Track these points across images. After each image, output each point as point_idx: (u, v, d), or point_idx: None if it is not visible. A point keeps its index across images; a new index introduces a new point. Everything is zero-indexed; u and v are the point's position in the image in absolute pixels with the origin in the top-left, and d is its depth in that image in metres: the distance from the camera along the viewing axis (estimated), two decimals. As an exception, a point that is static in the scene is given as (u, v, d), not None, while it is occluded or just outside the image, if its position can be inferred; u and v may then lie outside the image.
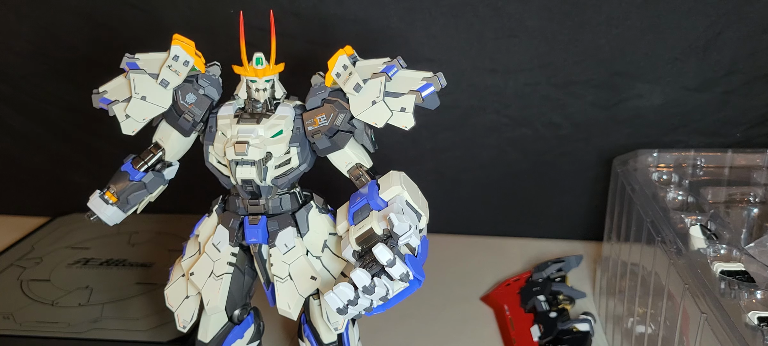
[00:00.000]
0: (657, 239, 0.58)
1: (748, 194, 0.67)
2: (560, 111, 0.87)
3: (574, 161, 0.91)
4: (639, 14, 0.80)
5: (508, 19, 0.82)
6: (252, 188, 0.54)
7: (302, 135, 0.55)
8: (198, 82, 0.55)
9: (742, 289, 0.49)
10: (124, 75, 0.56)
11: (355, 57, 0.55)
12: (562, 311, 0.75)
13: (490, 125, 0.89)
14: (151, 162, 0.57)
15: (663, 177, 0.71)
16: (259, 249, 0.57)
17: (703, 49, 0.81)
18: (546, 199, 0.95)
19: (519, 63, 0.84)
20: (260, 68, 0.54)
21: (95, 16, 0.90)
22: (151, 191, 0.57)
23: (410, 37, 0.84)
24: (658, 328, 0.58)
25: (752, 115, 0.84)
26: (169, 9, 0.87)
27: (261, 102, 0.54)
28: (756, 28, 0.79)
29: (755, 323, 0.46)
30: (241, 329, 0.61)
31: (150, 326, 0.74)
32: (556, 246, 0.93)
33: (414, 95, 0.52)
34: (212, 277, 0.57)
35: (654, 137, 0.86)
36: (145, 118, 0.55)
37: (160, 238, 0.96)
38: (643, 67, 0.83)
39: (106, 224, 0.57)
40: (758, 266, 0.52)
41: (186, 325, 0.59)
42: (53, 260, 0.90)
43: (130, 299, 0.80)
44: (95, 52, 0.91)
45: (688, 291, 0.51)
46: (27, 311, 0.78)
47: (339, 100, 0.54)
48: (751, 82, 0.82)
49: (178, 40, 0.54)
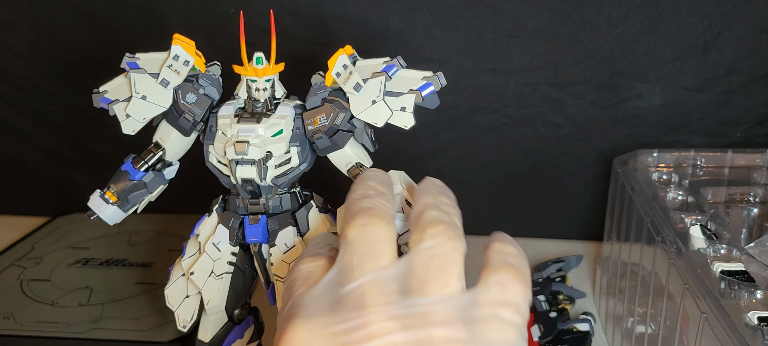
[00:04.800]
0: (657, 238, 0.58)
1: (748, 193, 0.68)
2: (560, 111, 0.87)
3: (574, 161, 0.91)
4: (639, 14, 0.80)
5: (508, 19, 0.82)
6: (252, 188, 0.54)
7: (302, 135, 0.55)
8: (198, 82, 0.55)
9: (742, 289, 0.49)
10: (124, 75, 0.56)
11: (355, 56, 0.55)
12: (562, 311, 0.75)
13: (490, 125, 0.89)
14: (151, 162, 0.57)
15: (663, 177, 0.71)
16: (259, 248, 0.57)
17: (703, 49, 0.81)
18: (546, 199, 0.95)
19: (519, 63, 0.84)
20: (260, 68, 0.54)
21: (96, 16, 0.90)
22: (151, 191, 0.57)
23: (410, 36, 0.84)
24: (658, 328, 0.58)
25: (752, 115, 0.84)
26: (170, 9, 0.87)
27: (261, 102, 0.54)
28: (756, 28, 0.79)
29: (755, 323, 0.46)
30: (242, 328, 0.61)
31: (150, 326, 0.74)
32: (556, 246, 0.93)
33: (414, 95, 0.52)
34: (212, 276, 0.57)
35: (654, 137, 0.86)
36: (146, 117, 0.55)
37: (160, 238, 0.96)
38: (643, 67, 0.83)
39: (106, 223, 0.57)
40: (758, 265, 0.52)
41: (186, 324, 0.59)
42: (53, 260, 0.90)
43: (130, 299, 0.80)
44: (96, 51, 0.91)
45: (688, 291, 0.51)
46: (27, 311, 0.78)
47: (339, 99, 0.54)
48: (751, 82, 0.82)
49: (179, 40, 0.54)
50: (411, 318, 0.31)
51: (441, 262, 0.33)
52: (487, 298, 0.33)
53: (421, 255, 0.34)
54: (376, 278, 0.33)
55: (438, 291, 0.32)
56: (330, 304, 0.33)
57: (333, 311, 0.32)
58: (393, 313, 0.31)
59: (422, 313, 0.31)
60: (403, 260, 0.34)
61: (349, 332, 0.31)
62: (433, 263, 0.33)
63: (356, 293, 0.32)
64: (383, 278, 0.33)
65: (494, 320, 0.32)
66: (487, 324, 0.32)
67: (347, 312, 0.32)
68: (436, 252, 0.34)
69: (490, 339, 0.31)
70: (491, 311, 0.32)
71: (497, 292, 0.33)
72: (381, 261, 0.34)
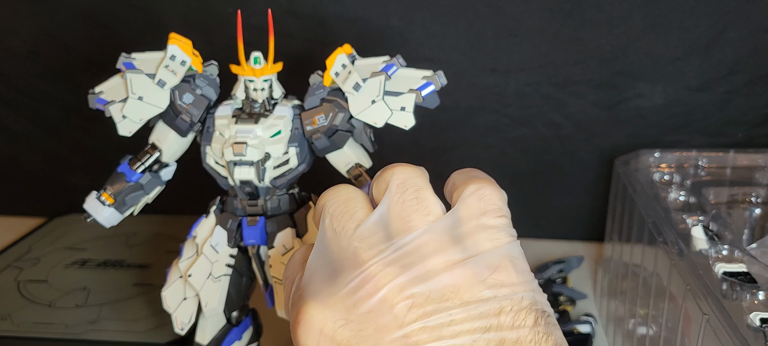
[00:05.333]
0: (659, 239, 0.58)
1: (750, 194, 0.67)
2: (561, 111, 0.86)
3: (575, 161, 0.90)
4: (640, 14, 0.79)
5: (508, 19, 0.82)
6: (250, 189, 0.54)
7: (301, 135, 0.54)
8: (195, 82, 0.55)
9: (744, 290, 0.49)
10: (120, 75, 0.55)
11: (353, 56, 0.54)
12: (563, 313, 0.75)
13: (490, 125, 0.89)
14: (148, 163, 0.56)
15: (665, 177, 0.71)
16: (257, 250, 0.57)
17: (705, 49, 0.80)
18: (547, 199, 0.94)
19: (520, 62, 0.84)
20: (258, 68, 0.53)
21: (92, 16, 0.89)
22: (148, 193, 0.57)
23: (410, 36, 0.84)
24: (660, 329, 0.58)
25: (754, 115, 0.83)
26: (167, 8, 0.87)
27: (259, 102, 0.54)
28: (758, 27, 0.78)
29: (757, 325, 0.45)
30: (239, 330, 0.61)
31: (148, 328, 0.74)
32: (557, 247, 0.93)
33: (414, 94, 0.52)
34: (210, 279, 0.57)
35: (655, 137, 0.86)
36: (143, 118, 0.55)
37: (158, 239, 0.95)
38: (644, 66, 0.82)
39: (102, 226, 0.56)
40: (760, 266, 0.52)
41: (184, 327, 0.58)
42: (51, 261, 0.90)
43: (127, 301, 0.79)
44: (93, 51, 0.91)
45: (690, 292, 0.50)
46: (24, 312, 0.77)
47: (338, 99, 0.53)
48: (753, 81, 0.81)
49: (175, 40, 0.54)
50: (407, 257, 0.32)
51: (412, 193, 0.35)
52: (468, 212, 0.34)
53: (393, 196, 0.34)
54: (361, 233, 0.33)
55: (421, 221, 0.33)
56: (329, 273, 0.33)
57: (334, 278, 0.33)
58: (389, 258, 0.32)
59: (415, 249, 0.32)
60: (378, 208, 0.34)
61: (356, 290, 0.32)
62: (405, 197, 0.34)
63: (348, 254, 0.33)
64: (367, 230, 0.34)
65: (482, 230, 0.33)
66: (477, 236, 0.33)
67: (347, 274, 0.32)
68: (405, 186, 0.35)
69: (484, 249, 0.33)
70: (476, 222, 0.33)
71: (475, 203, 0.34)
72: (358, 215, 0.35)
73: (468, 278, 0.31)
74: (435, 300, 0.31)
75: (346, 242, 0.34)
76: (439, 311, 0.31)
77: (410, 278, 0.31)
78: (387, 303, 0.31)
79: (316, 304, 0.32)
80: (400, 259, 0.32)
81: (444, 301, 0.31)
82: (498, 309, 0.31)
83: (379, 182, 0.36)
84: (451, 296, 0.31)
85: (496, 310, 0.31)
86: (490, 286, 0.31)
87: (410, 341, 0.30)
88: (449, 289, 0.31)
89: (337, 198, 0.36)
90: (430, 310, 0.31)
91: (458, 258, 0.32)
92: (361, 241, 0.33)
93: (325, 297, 0.32)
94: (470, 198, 0.34)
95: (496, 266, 0.32)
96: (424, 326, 0.30)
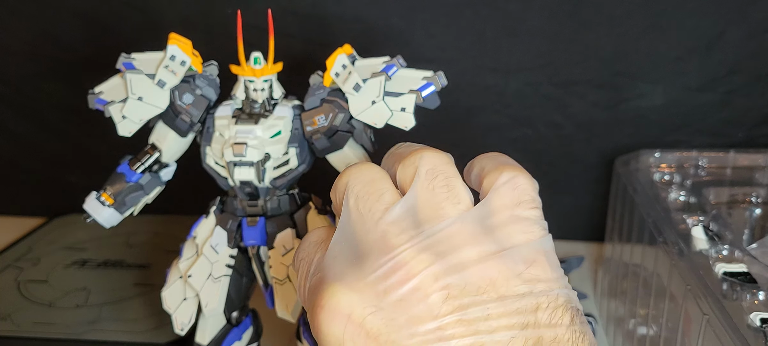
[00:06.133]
0: (659, 239, 0.58)
1: (751, 194, 0.67)
2: (561, 111, 0.86)
3: (575, 161, 0.90)
4: (641, 14, 0.79)
5: (509, 19, 0.82)
6: (250, 189, 0.54)
7: (301, 135, 0.54)
8: (195, 83, 0.55)
9: (745, 290, 0.49)
10: (120, 75, 0.55)
11: (354, 56, 0.54)
12: (563, 313, 0.75)
13: (490, 125, 0.89)
14: (147, 163, 0.56)
15: (665, 178, 0.70)
16: (257, 251, 0.57)
17: (705, 49, 0.80)
18: (547, 199, 0.93)
19: (520, 62, 0.84)
20: (258, 68, 0.53)
21: (92, 16, 0.89)
22: (147, 193, 0.57)
23: (410, 36, 0.84)
24: (660, 329, 0.58)
25: (755, 115, 0.83)
26: (167, 8, 0.87)
27: (259, 102, 0.54)
28: (758, 27, 0.78)
29: (758, 325, 0.45)
30: (240, 331, 0.61)
31: (148, 328, 0.73)
32: (557, 247, 0.91)
33: (414, 95, 0.52)
34: (210, 279, 0.56)
35: (656, 137, 0.86)
36: (142, 119, 0.55)
37: (158, 239, 0.95)
38: (645, 66, 0.82)
39: (102, 226, 0.56)
40: (761, 267, 0.52)
41: (184, 327, 0.58)
42: (51, 261, 0.90)
43: (127, 301, 0.79)
44: (93, 52, 0.90)
45: (690, 292, 0.50)
46: (24, 313, 0.77)
47: (338, 100, 0.53)
48: (753, 81, 0.81)
49: (175, 40, 0.54)
50: (439, 245, 0.30)
51: (442, 180, 0.33)
52: (501, 202, 0.32)
53: (422, 181, 0.32)
54: (390, 217, 0.31)
55: (452, 210, 0.31)
56: (354, 256, 0.31)
57: (361, 262, 0.31)
58: (422, 245, 0.30)
59: (447, 237, 0.30)
60: (409, 193, 0.32)
61: (387, 276, 0.30)
62: (436, 183, 0.32)
63: (375, 237, 0.31)
64: (398, 215, 0.31)
65: (516, 221, 0.32)
66: (510, 227, 0.31)
67: (376, 258, 0.30)
68: (434, 173, 0.33)
69: (517, 242, 0.31)
70: (510, 213, 0.32)
71: (509, 192, 0.33)
72: (385, 197, 0.32)
73: (503, 271, 0.30)
74: (471, 293, 0.29)
75: (372, 224, 0.32)
76: (476, 304, 0.29)
77: (444, 267, 0.29)
78: (421, 292, 0.29)
79: (342, 287, 0.30)
80: (434, 246, 0.30)
81: (480, 294, 0.29)
82: (535, 306, 0.29)
83: (406, 165, 0.34)
84: (488, 289, 0.29)
85: (533, 306, 0.29)
86: (525, 281, 0.30)
87: (445, 333, 0.28)
88: (485, 281, 0.29)
89: (362, 177, 0.33)
90: (466, 302, 0.29)
91: (492, 250, 0.30)
92: (391, 225, 0.31)
93: (352, 281, 0.30)
94: (504, 187, 0.33)
95: (532, 260, 0.31)
96: (461, 319, 0.28)
